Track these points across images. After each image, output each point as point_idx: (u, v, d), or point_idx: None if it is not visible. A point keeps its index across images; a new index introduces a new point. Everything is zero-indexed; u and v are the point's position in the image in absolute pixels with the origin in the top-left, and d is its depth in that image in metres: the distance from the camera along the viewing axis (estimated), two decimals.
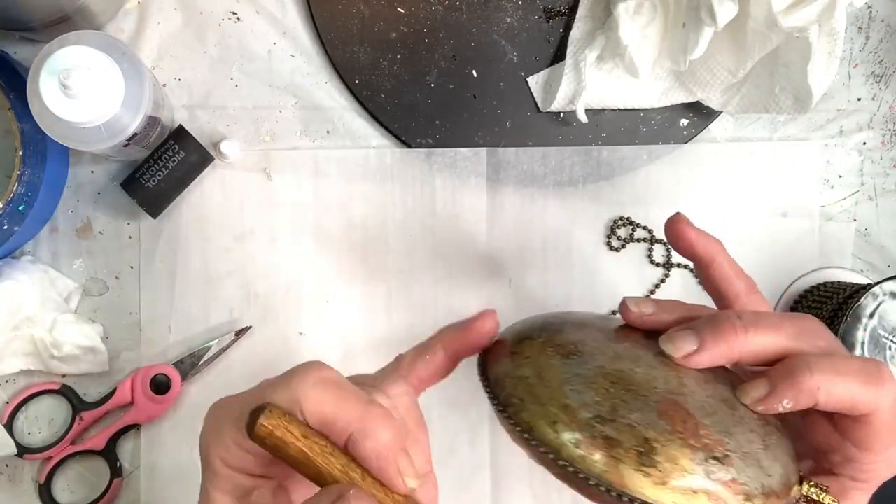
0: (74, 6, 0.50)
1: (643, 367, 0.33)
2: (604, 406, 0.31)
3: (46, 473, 0.54)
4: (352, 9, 0.57)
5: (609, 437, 0.31)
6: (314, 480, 0.29)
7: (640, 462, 0.30)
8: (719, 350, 0.34)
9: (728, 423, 0.32)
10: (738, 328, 0.34)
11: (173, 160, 0.54)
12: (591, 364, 0.33)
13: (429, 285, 0.57)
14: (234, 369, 0.56)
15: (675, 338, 0.35)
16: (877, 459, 0.34)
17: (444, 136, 0.57)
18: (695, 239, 0.40)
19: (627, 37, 0.52)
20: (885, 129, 0.60)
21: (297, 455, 0.28)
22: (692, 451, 0.31)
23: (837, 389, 0.32)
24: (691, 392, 0.33)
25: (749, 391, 0.33)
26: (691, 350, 0.34)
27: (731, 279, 0.40)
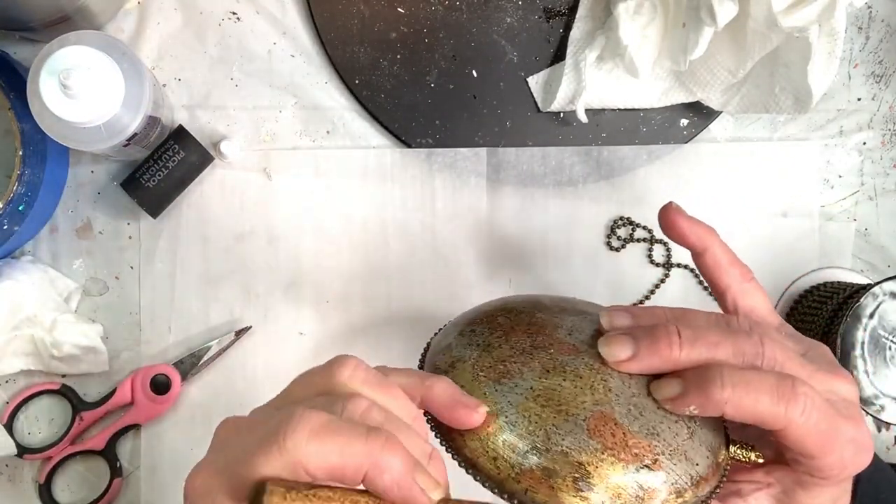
0: (74, 6, 0.50)
1: (571, 376, 0.35)
2: (538, 436, 0.33)
3: (46, 473, 0.54)
4: (352, 9, 0.57)
5: (546, 468, 0.32)
6: None
7: (577, 488, 0.32)
8: (651, 362, 0.35)
9: (654, 422, 0.34)
10: (673, 344, 0.35)
11: (173, 160, 0.54)
12: (522, 386, 0.34)
13: (429, 285, 0.57)
14: (234, 369, 0.56)
15: (611, 342, 0.36)
16: (822, 464, 0.35)
17: (444, 136, 0.57)
18: (686, 227, 0.41)
19: (627, 37, 0.52)
20: (885, 129, 0.60)
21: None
22: (623, 466, 0.33)
23: (745, 403, 0.33)
24: (617, 395, 0.34)
25: (662, 388, 0.35)
26: (625, 357, 0.35)
27: (725, 267, 0.40)
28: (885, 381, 0.50)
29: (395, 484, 0.28)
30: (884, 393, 0.49)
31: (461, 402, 0.34)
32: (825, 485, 0.36)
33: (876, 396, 0.49)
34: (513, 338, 0.37)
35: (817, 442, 0.34)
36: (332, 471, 0.28)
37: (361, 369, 0.32)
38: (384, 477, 0.28)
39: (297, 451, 0.27)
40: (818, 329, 0.53)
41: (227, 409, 0.56)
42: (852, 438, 0.35)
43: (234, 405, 0.56)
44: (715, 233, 0.41)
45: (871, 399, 0.49)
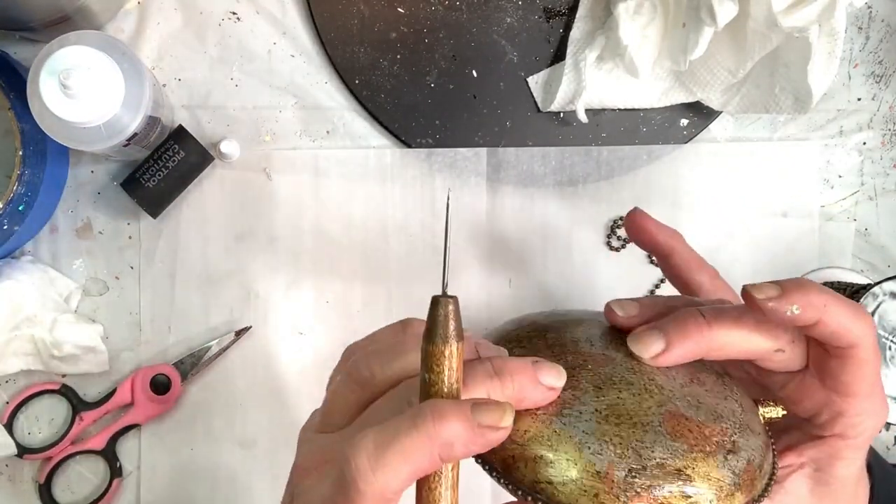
0: (74, 6, 0.50)
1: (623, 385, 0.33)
2: (629, 457, 0.31)
3: (46, 473, 0.54)
4: (352, 9, 0.57)
5: (650, 485, 0.31)
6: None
7: (685, 495, 0.31)
8: (687, 348, 0.34)
9: (712, 404, 0.33)
10: (701, 324, 0.34)
11: (173, 160, 0.54)
12: (587, 412, 0.32)
13: (429, 285, 0.57)
14: (234, 369, 0.56)
15: (642, 338, 0.35)
16: (861, 408, 0.35)
17: (444, 136, 0.57)
18: (655, 232, 0.41)
19: (627, 37, 0.52)
20: (885, 129, 0.60)
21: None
22: (714, 459, 0.31)
23: (837, 310, 0.33)
24: (671, 391, 0.33)
25: (764, 289, 0.34)
26: (660, 350, 0.34)
27: (693, 268, 0.41)
28: (885, 381, 0.50)
29: (466, 446, 0.28)
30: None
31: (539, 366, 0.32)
32: (854, 446, 0.36)
33: None
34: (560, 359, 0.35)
35: (870, 374, 0.34)
36: (411, 478, 0.28)
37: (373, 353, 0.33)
38: (455, 448, 0.28)
39: (374, 486, 0.27)
40: None
41: (227, 409, 0.56)
42: (881, 390, 0.36)
43: (234, 405, 0.56)
44: (680, 235, 0.42)
45: None
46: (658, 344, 0.35)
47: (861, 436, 0.36)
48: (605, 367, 0.34)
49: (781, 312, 0.33)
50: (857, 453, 0.36)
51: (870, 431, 0.36)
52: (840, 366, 0.35)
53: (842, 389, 0.35)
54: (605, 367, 0.34)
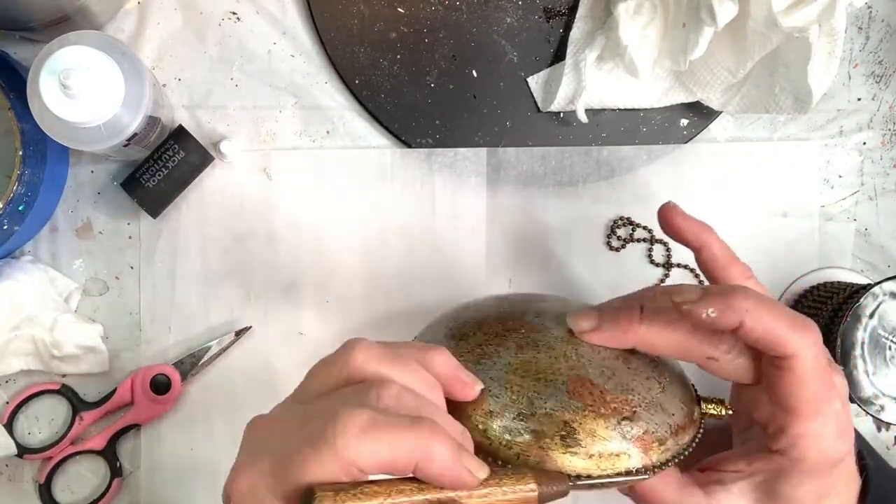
0: (74, 6, 0.50)
1: (543, 349, 0.37)
2: (521, 403, 0.36)
3: (46, 473, 0.54)
4: (352, 9, 0.57)
5: (534, 430, 0.35)
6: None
7: (565, 445, 0.34)
8: (613, 333, 0.37)
9: (626, 379, 0.37)
10: (634, 318, 0.37)
11: (173, 160, 0.54)
12: (500, 363, 0.37)
13: (429, 285, 0.57)
14: (234, 369, 0.56)
15: (578, 315, 0.38)
16: (804, 429, 0.35)
17: (444, 136, 0.57)
18: (682, 225, 0.42)
19: (627, 37, 0.52)
20: (885, 129, 0.60)
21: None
22: (605, 420, 0.35)
23: (763, 316, 0.34)
24: (589, 360, 0.37)
25: (683, 292, 0.36)
26: (589, 328, 0.38)
27: (723, 264, 0.41)
28: (885, 381, 0.50)
29: (444, 470, 0.29)
30: (884, 393, 0.49)
31: (459, 376, 0.35)
32: (806, 472, 0.36)
33: (876, 396, 0.49)
34: (485, 326, 0.40)
35: (811, 393, 0.35)
36: (383, 466, 0.29)
37: (374, 349, 0.33)
38: (434, 465, 0.29)
39: (349, 450, 0.28)
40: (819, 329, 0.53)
41: (227, 409, 0.56)
42: (838, 413, 0.36)
43: (234, 405, 0.56)
44: (712, 230, 0.42)
45: (871, 399, 0.49)
46: (589, 321, 0.38)
47: (806, 461, 0.35)
48: (536, 334, 0.39)
49: (698, 315, 0.35)
50: (805, 478, 0.36)
51: (815, 460, 0.35)
52: (778, 377, 0.35)
53: (782, 404, 0.35)
54: (536, 333, 0.39)
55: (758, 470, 0.37)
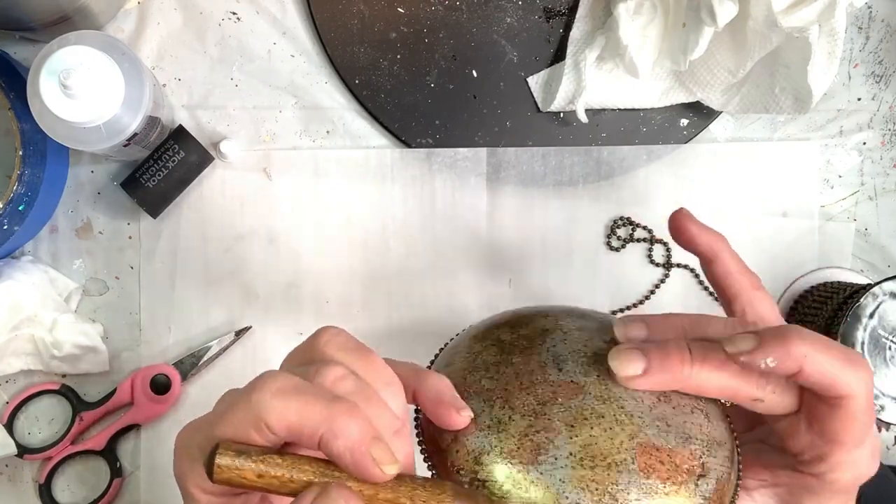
0: (74, 6, 0.50)
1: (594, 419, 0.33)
2: (605, 502, 0.31)
3: (46, 473, 0.54)
4: (352, 9, 0.57)
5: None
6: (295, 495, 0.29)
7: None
8: (662, 378, 0.34)
9: (680, 425, 0.33)
10: (685, 360, 0.34)
11: (173, 160, 0.54)
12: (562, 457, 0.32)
13: (429, 285, 0.57)
14: (234, 369, 0.56)
15: (623, 357, 0.34)
16: (844, 458, 0.35)
17: (444, 136, 0.57)
18: (696, 234, 0.40)
19: (627, 37, 0.52)
20: (885, 129, 0.60)
21: (262, 485, 0.29)
22: (685, 488, 0.32)
23: (821, 359, 0.33)
24: (641, 417, 0.33)
25: (738, 342, 0.34)
26: (636, 374, 0.34)
27: (734, 276, 0.40)
28: (885, 381, 0.50)
29: (347, 450, 0.29)
30: (884, 393, 0.49)
31: (448, 401, 0.33)
32: (837, 492, 0.36)
33: (876, 396, 0.49)
34: (516, 402, 0.34)
35: (858, 427, 0.34)
36: (289, 428, 0.29)
37: (342, 336, 0.33)
38: (338, 442, 0.29)
39: (260, 405, 0.29)
40: (818, 329, 0.53)
41: None
42: (874, 436, 0.35)
43: None
44: (725, 240, 0.41)
45: None
46: (637, 367, 0.34)
47: (839, 482, 0.35)
48: (575, 399, 0.34)
49: (756, 365, 0.33)
50: (832, 497, 0.36)
51: (849, 482, 0.35)
52: (829, 413, 0.34)
53: (828, 436, 0.34)
54: (575, 398, 0.34)
55: (783, 483, 0.37)
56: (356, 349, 0.33)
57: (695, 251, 0.41)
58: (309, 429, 0.29)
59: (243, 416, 0.29)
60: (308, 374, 0.31)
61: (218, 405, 0.32)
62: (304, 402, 0.29)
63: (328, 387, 0.30)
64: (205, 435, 0.30)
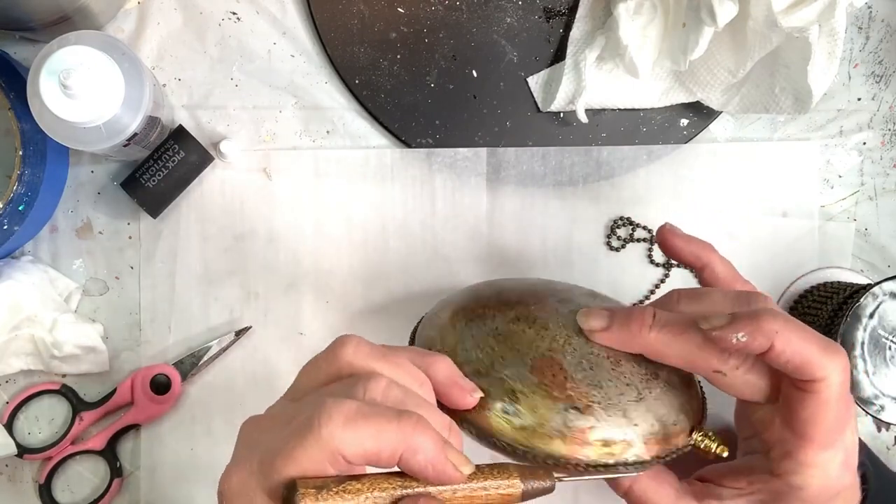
0: (74, 6, 0.50)
1: (537, 327, 0.38)
2: (483, 362, 0.37)
3: (46, 473, 0.54)
4: (352, 9, 0.57)
5: (483, 388, 0.36)
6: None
7: (504, 412, 0.35)
8: (620, 336, 0.37)
9: (601, 377, 0.36)
10: (645, 324, 0.37)
11: (173, 160, 0.54)
12: (489, 326, 0.38)
13: (429, 285, 0.57)
14: (234, 369, 0.56)
15: (589, 313, 0.38)
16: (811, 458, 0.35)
17: (444, 136, 0.57)
18: (682, 247, 0.42)
19: (627, 37, 0.52)
20: (885, 129, 0.60)
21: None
22: (553, 401, 0.35)
23: (794, 340, 0.34)
24: (574, 349, 0.37)
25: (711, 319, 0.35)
26: (598, 327, 0.37)
27: (725, 283, 0.41)
28: (885, 381, 0.50)
29: (428, 464, 0.29)
30: (884, 393, 0.49)
31: (458, 383, 0.35)
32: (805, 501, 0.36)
33: (876, 396, 0.49)
34: (503, 294, 0.41)
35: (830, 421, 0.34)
36: (368, 456, 0.29)
37: (363, 345, 0.33)
38: (418, 458, 0.29)
39: (334, 440, 0.28)
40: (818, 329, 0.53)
41: (227, 409, 0.56)
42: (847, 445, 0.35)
43: (234, 405, 0.56)
44: (712, 248, 0.42)
45: (871, 399, 0.49)
46: (599, 321, 0.38)
47: (806, 489, 0.35)
48: (542, 314, 0.39)
49: (728, 340, 0.34)
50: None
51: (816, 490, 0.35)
52: (800, 400, 0.34)
53: (797, 428, 0.35)
54: (543, 313, 0.39)
55: (757, 490, 0.37)
56: (384, 355, 0.33)
57: (682, 262, 0.43)
58: (388, 452, 0.29)
59: (317, 453, 0.28)
60: (356, 392, 0.31)
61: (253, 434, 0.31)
62: (376, 426, 0.29)
63: (380, 401, 0.30)
64: (270, 476, 0.29)
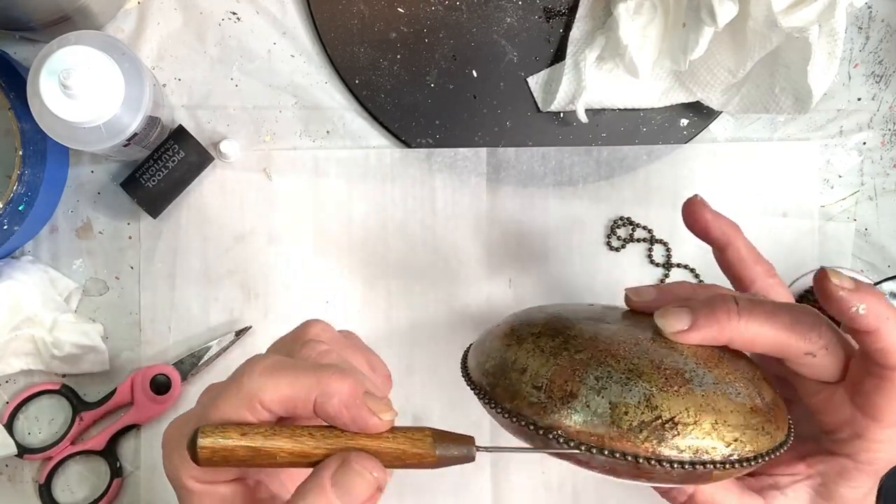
0: (74, 6, 0.50)
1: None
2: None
3: (46, 473, 0.54)
4: (352, 9, 0.57)
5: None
6: (296, 465, 0.30)
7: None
8: (710, 331, 0.34)
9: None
10: (732, 312, 0.34)
11: (173, 160, 0.54)
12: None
13: (429, 285, 0.57)
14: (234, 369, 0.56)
15: (668, 314, 0.35)
16: (882, 435, 0.35)
17: (444, 136, 0.57)
18: (710, 221, 0.41)
19: (627, 37, 0.52)
20: (885, 129, 0.60)
21: (251, 456, 0.29)
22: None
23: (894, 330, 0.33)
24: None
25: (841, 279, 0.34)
26: (683, 328, 0.34)
27: (748, 263, 0.40)
28: None
29: (343, 406, 0.29)
30: None
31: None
32: (866, 471, 0.36)
33: None
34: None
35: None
36: (283, 401, 0.30)
37: (329, 329, 0.34)
38: (333, 401, 0.29)
39: (251, 384, 0.30)
40: None
41: None
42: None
43: None
44: (738, 228, 0.41)
45: None
46: (683, 321, 0.34)
47: (874, 464, 0.35)
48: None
49: (848, 305, 0.33)
50: (867, 479, 0.36)
51: (883, 462, 0.35)
52: (876, 387, 0.34)
53: (869, 411, 0.34)
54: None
55: (818, 472, 0.37)
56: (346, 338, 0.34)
57: (708, 238, 0.41)
58: (303, 397, 0.29)
59: (235, 399, 0.30)
60: (293, 352, 0.32)
61: (202, 397, 0.33)
62: (294, 374, 0.30)
63: (314, 358, 0.32)
64: (193, 426, 0.30)
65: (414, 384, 0.57)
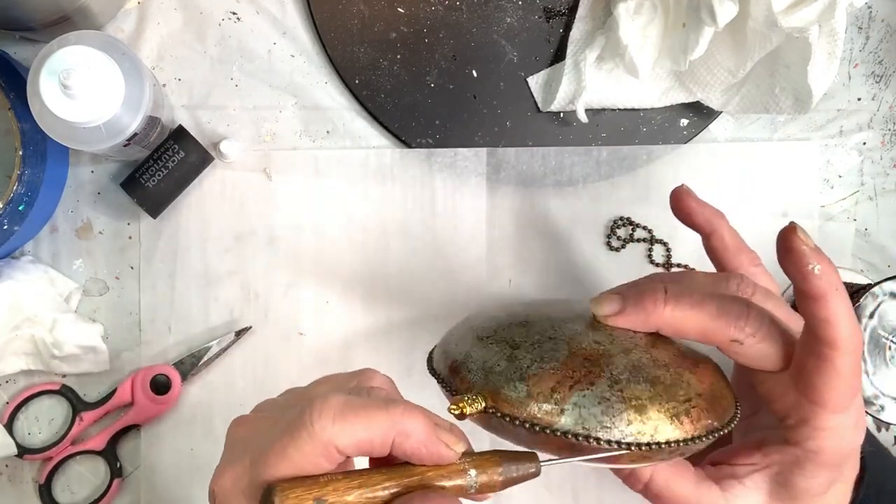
0: (74, 6, 0.50)
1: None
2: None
3: (46, 474, 0.54)
4: (352, 9, 0.57)
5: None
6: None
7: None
8: (637, 316, 0.36)
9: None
10: (659, 299, 0.36)
11: (173, 160, 0.54)
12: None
13: (429, 285, 0.57)
14: (234, 369, 0.56)
15: (601, 299, 0.37)
16: (827, 422, 0.35)
17: (444, 136, 0.57)
18: (694, 209, 0.42)
19: (627, 37, 0.52)
20: (885, 129, 0.60)
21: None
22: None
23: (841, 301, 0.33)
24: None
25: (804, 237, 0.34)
26: (612, 312, 0.37)
27: (732, 251, 0.41)
28: (885, 381, 0.50)
29: (420, 444, 0.29)
30: (884, 393, 0.49)
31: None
32: (821, 464, 0.36)
33: (876, 396, 0.49)
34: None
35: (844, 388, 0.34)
36: (360, 445, 0.29)
37: (389, 382, 0.34)
38: (410, 440, 0.29)
39: (325, 432, 0.28)
40: None
41: (227, 409, 0.56)
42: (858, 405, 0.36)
43: (234, 405, 0.56)
44: (723, 216, 0.42)
45: (871, 399, 0.49)
46: (613, 306, 0.37)
47: (822, 453, 0.35)
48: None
49: (806, 261, 0.34)
50: (819, 469, 0.36)
51: (832, 452, 0.35)
52: (816, 368, 0.34)
53: (812, 395, 0.35)
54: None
55: (773, 462, 0.37)
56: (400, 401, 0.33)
57: (693, 225, 0.42)
58: (379, 439, 0.29)
59: (310, 448, 0.28)
60: (347, 386, 0.32)
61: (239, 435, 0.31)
62: (365, 415, 0.29)
63: (372, 394, 0.31)
64: (263, 473, 0.29)
65: (414, 384, 0.57)
